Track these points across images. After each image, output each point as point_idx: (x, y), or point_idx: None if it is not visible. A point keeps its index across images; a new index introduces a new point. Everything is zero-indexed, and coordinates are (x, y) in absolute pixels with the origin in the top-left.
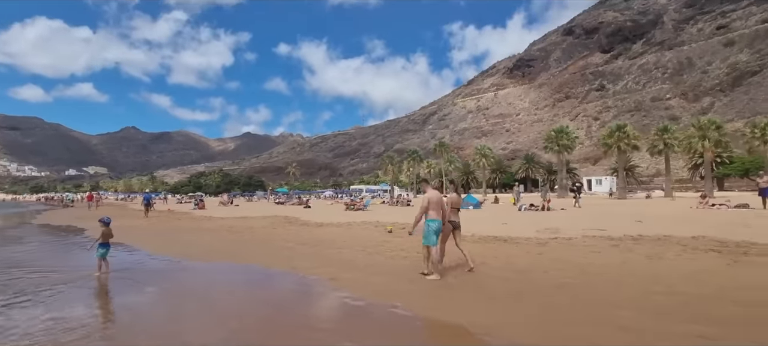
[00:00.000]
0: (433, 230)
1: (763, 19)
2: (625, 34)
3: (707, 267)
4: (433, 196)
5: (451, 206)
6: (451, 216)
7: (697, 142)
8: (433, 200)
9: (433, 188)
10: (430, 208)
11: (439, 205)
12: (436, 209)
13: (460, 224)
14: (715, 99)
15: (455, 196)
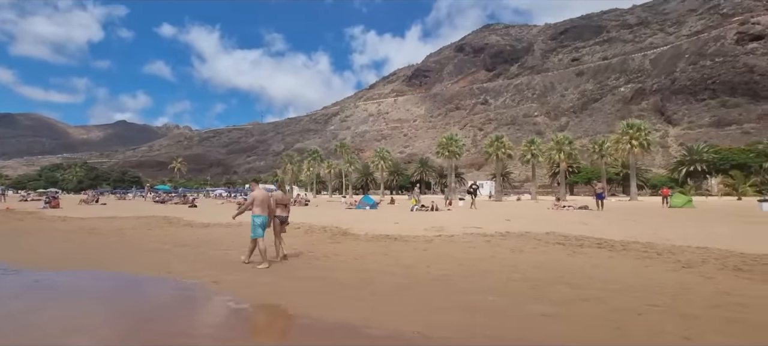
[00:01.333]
0: (259, 225)
1: (603, 57)
2: (505, 56)
3: (554, 257)
4: (259, 194)
5: (277, 202)
6: (279, 212)
7: (555, 154)
8: (259, 198)
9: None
10: (255, 205)
11: (264, 202)
12: (262, 206)
13: (288, 219)
14: (569, 119)
15: (281, 194)
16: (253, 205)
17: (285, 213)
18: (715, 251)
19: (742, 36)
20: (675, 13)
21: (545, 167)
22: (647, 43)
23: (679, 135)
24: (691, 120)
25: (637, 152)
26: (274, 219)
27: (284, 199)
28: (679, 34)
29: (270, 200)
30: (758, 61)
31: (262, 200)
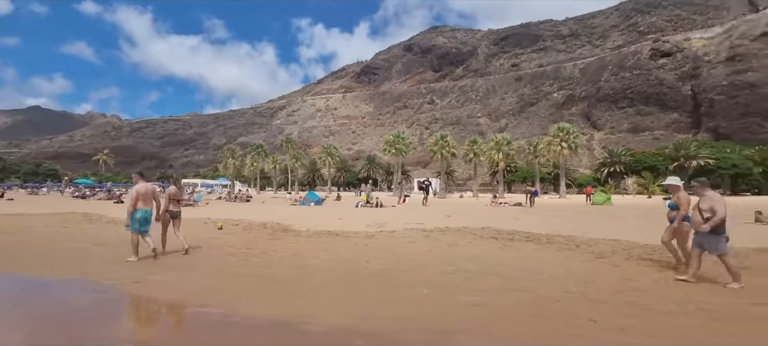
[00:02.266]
0: (138, 219)
1: (539, 64)
2: (451, 58)
3: (487, 250)
4: (141, 188)
5: (171, 198)
6: (171, 207)
7: (495, 154)
8: (142, 192)
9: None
10: (139, 199)
11: (149, 196)
12: (146, 200)
13: (180, 214)
14: (509, 121)
15: (174, 189)
16: (138, 199)
17: (177, 209)
18: (624, 242)
19: (654, 52)
20: (601, 28)
21: (486, 166)
22: (577, 53)
23: (603, 139)
24: (613, 126)
25: (566, 154)
26: (164, 213)
27: (177, 194)
28: (604, 47)
29: (155, 193)
30: (667, 75)
31: (146, 194)
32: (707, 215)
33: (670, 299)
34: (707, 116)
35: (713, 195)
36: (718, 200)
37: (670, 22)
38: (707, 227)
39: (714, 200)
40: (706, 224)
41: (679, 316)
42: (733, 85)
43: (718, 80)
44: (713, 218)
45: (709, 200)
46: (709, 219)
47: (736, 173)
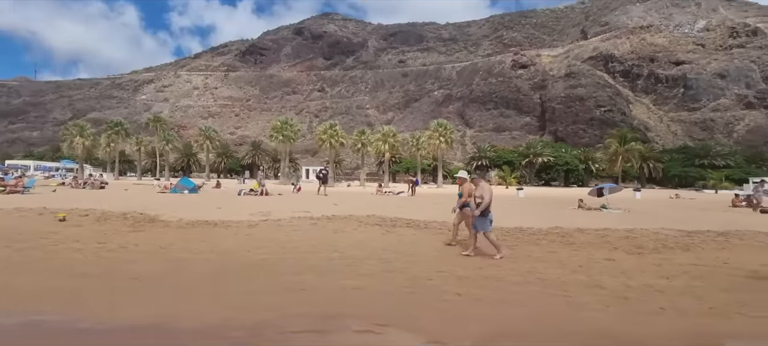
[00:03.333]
0: None
1: (423, 63)
2: (342, 48)
3: (371, 236)
4: None
5: None
6: None
7: (381, 145)
8: None
9: None
10: None
11: None
12: None
13: None
14: (395, 114)
15: None
16: None
17: None
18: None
19: (515, 63)
20: (474, 36)
21: (373, 156)
22: (455, 57)
23: (473, 136)
24: (481, 125)
25: (443, 148)
26: None
27: None
28: (476, 53)
29: None
30: (523, 84)
31: None
32: (478, 200)
33: (517, 272)
34: (550, 121)
35: (484, 185)
36: (487, 189)
37: (527, 38)
38: (477, 211)
39: (483, 189)
40: (476, 209)
41: (523, 285)
42: (568, 97)
43: (558, 92)
44: (482, 203)
45: (480, 189)
46: (479, 204)
47: (567, 169)
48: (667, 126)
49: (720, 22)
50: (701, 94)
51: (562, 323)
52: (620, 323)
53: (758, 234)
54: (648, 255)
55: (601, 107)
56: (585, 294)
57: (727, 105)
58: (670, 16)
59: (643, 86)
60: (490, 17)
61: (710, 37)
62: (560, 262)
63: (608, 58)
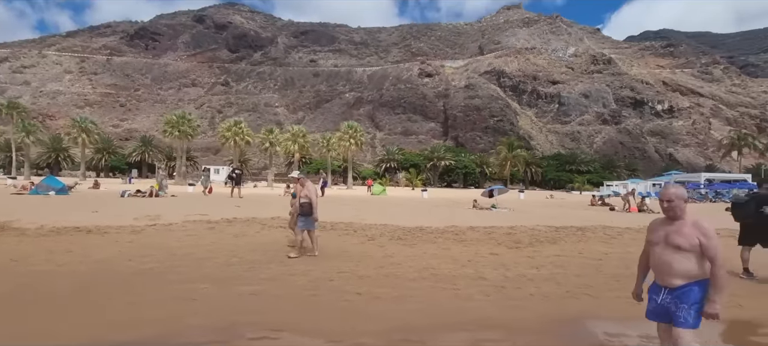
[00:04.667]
0: None
1: (335, 64)
2: (249, 41)
3: (275, 239)
4: None
5: None
6: None
7: (291, 145)
8: None
9: None
10: None
11: None
12: None
13: None
14: (306, 114)
15: None
16: None
17: None
18: (391, 226)
19: (421, 72)
20: (385, 43)
21: (282, 157)
22: (366, 61)
23: (383, 138)
24: (391, 128)
25: (354, 149)
26: None
27: None
28: (387, 59)
29: None
30: (428, 91)
31: None
32: (304, 200)
33: (414, 269)
34: (452, 128)
35: (310, 186)
36: (313, 190)
37: (432, 49)
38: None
39: (309, 190)
40: (300, 209)
41: (418, 281)
42: (467, 106)
43: (459, 101)
44: (307, 203)
45: (306, 190)
46: (303, 205)
47: (466, 172)
48: (545, 136)
49: (584, 51)
50: (571, 110)
51: (450, 314)
52: (498, 310)
53: (606, 228)
54: (524, 248)
55: (494, 117)
56: (471, 286)
57: (589, 120)
58: (548, 42)
59: (527, 100)
60: (399, 26)
61: (578, 63)
62: (453, 258)
63: (500, 74)
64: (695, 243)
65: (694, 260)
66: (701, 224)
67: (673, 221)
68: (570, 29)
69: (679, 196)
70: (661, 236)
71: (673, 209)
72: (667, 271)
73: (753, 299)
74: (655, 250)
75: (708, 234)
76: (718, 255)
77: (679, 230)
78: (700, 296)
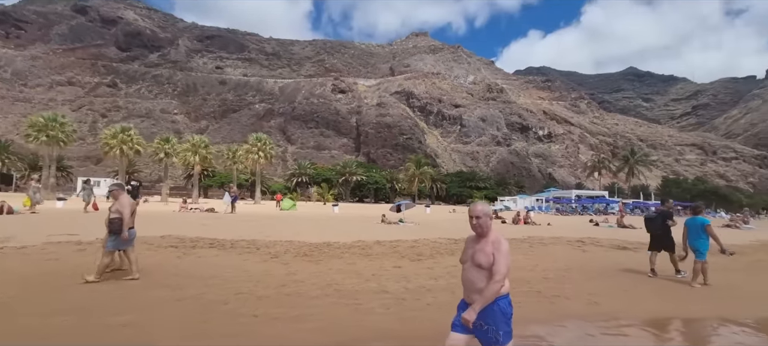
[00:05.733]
0: None
1: (244, 73)
2: (143, 40)
3: (162, 260)
4: None
5: None
6: None
7: (190, 156)
8: None
9: None
10: None
11: None
12: None
13: None
14: (210, 123)
15: None
16: None
17: None
18: (297, 242)
19: (334, 87)
20: (298, 56)
21: (181, 168)
22: (278, 72)
23: (295, 152)
24: (303, 142)
25: (263, 163)
26: None
27: None
28: (300, 72)
29: None
30: (342, 107)
31: None
32: (114, 216)
33: (318, 286)
34: (364, 144)
35: (124, 199)
36: (127, 203)
37: (346, 66)
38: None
39: (121, 204)
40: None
41: (321, 298)
42: (378, 123)
43: (371, 118)
44: (117, 219)
45: (118, 204)
46: (113, 221)
47: (377, 187)
48: (449, 155)
49: (482, 79)
50: (471, 132)
51: (349, 330)
52: (397, 322)
53: None
54: (425, 260)
55: (403, 135)
56: (373, 300)
57: (486, 142)
58: (451, 68)
59: (433, 121)
60: (313, 41)
61: (476, 89)
62: (357, 272)
63: (409, 95)
64: (492, 260)
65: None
66: (498, 240)
67: (480, 238)
68: (470, 59)
69: (486, 213)
70: (469, 254)
71: (480, 225)
72: (471, 288)
73: (608, 297)
74: (464, 267)
75: (500, 249)
76: (500, 271)
77: (482, 248)
78: (508, 310)
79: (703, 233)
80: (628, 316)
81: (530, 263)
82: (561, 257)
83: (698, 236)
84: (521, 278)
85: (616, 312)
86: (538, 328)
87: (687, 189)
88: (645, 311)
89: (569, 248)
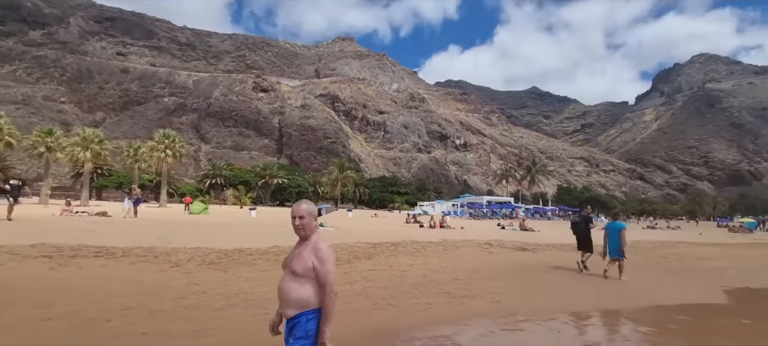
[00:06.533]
0: None
1: (151, 63)
2: (23, 14)
3: (31, 273)
4: None
5: None
6: None
7: (80, 152)
8: None
9: None
10: None
11: None
12: None
13: None
14: (108, 116)
15: None
16: None
17: None
18: (204, 249)
19: (256, 86)
20: (216, 49)
21: (68, 166)
22: (192, 64)
23: (209, 152)
24: (219, 141)
25: (170, 162)
26: None
27: None
28: (217, 67)
29: None
30: (263, 107)
31: None
32: None
33: (223, 296)
34: (287, 146)
35: None
36: None
37: (269, 65)
38: None
39: None
40: None
41: (226, 309)
42: (302, 126)
43: (295, 120)
44: None
45: None
46: None
47: (299, 191)
48: (373, 159)
49: (405, 88)
50: (394, 138)
51: (256, 342)
52: None
53: (414, 243)
54: (342, 265)
55: (328, 139)
56: None
57: (408, 148)
58: (376, 76)
59: (358, 126)
60: (233, 34)
61: (400, 97)
62: (269, 280)
63: (335, 99)
64: (309, 267)
65: (309, 286)
66: (318, 246)
67: (304, 241)
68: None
69: (311, 213)
70: (289, 259)
71: (303, 226)
72: (284, 299)
73: (508, 294)
74: (283, 275)
75: (322, 257)
76: (328, 280)
77: (300, 253)
78: (311, 327)
79: (619, 235)
80: (525, 311)
81: (443, 265)
82: (470, 259)
83: (617, 238)
84: (434, 279)
85: (514, 308)
86: (446, 328)
87: (576, 196)
88: (539, 306)
89: (478, 249)
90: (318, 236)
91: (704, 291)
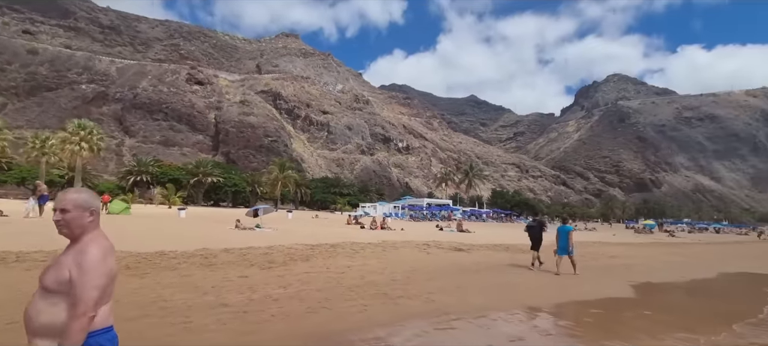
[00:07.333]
0: None
1: (66, 45)
2: None
3: None
4: None
5: None
6: None
7: None
8: None
9: None
10: None
11: None
12: None
13: None
14: (10, 102)
15: None
16: None
17: None
18: (121, 253)
19: (190, 78)
20: (145, 35)
21: None
22: (116, 50)
23: (134, 146)
24: (146, 135)
25: (86, 156)
26: None
27: None
28: (145, 55)
29: None
30: (198, 100)
31: None
32: None
33: (136, 305)
34: (223, 143)
35: None
36: None
37: (205, 56)
38: None
39: None
40: None
41: (138, 319)
42: (241, 122)
43: (233, 116)
44: None
45: None
46: None
47: (236, 190)
48: (316, 160)
49: (350, 89)
50: (337, 139)
51: None
52: (233, 337)
53: (354, 244)
54: (276, 268)
55: (269, 137)
56: (207, 316)
57: (351, 149)
58: (321, 75)
59: (301, 125)
60: (165, 21)
61: (344, 99)
62: (194, 285)
63: (277, 96)
64: (64, 279)
65: (62, 306)
66: (86, 249)
67: (72, 245)
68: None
69: (81, 204)
70: (45, 269)
71: (66, 223)
72: (28, 326)
73: (443, 294)
74: (34, 292)
75: (84, 264)
76: (83, 297)
77: (60, 260)
78: None
79: (568, 236)
80: (457, 310)
81: (381, 266)
82: (408, 260)
83: (566, 239)
84: (372, 281)
85: (448, 307)
86: (381, 330)
87: (508, 199)
88: (471, 305)
89: (417, 250)
90: (95, 236)
91: (615, 287)
